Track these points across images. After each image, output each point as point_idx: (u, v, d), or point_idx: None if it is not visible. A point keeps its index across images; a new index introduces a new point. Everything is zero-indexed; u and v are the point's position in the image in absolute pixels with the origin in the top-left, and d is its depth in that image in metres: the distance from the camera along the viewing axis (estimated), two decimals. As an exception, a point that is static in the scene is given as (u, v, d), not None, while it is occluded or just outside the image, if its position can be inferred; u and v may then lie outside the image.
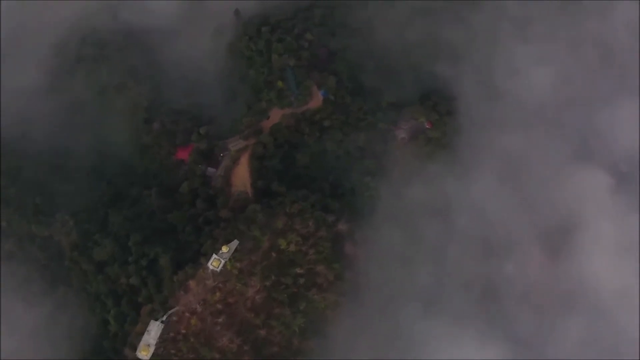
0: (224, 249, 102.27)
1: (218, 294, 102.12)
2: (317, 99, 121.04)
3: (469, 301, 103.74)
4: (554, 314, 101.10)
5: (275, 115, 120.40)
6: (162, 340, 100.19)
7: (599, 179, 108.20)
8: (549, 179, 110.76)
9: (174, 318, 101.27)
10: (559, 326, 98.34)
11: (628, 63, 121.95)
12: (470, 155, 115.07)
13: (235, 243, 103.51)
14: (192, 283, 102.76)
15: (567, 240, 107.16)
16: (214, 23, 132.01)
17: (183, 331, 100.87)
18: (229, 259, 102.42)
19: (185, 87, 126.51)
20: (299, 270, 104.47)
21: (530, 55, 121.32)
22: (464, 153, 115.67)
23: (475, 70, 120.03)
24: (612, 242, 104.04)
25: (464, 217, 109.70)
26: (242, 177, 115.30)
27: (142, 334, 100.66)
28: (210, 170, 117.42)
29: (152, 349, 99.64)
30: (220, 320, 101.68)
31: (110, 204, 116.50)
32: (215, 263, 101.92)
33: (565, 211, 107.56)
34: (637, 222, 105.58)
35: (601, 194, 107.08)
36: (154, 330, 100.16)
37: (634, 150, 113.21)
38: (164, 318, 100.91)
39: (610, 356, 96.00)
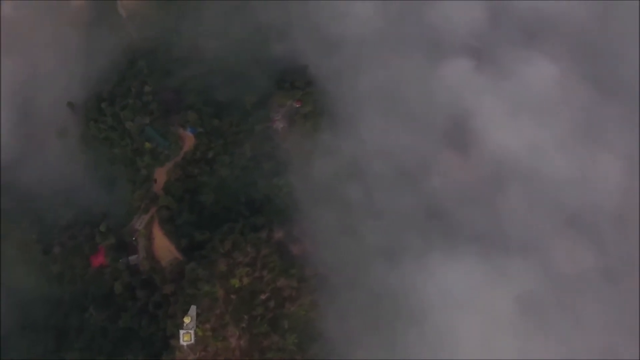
0: (187, 320, 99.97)
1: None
2: (189, 139, 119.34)
3: (423, 229, 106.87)
4: (493, 198, 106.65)
5: (161, 175, 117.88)
6: None
7: (462, 65, 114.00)
8: (424, 90, 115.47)
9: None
10: (501, 207, 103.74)
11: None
12: (348, 106, 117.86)
13: (193, 309, 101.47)
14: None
15: (467, 130, 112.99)
16: (53, 128, 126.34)
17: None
18: (197, 326, 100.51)
19: (62, 200, 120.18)
20: (263, 297, 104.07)
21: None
22: (341, 108, 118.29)
23: (307, 36, 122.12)
24: (503, 110, 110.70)
25: (374, 163, 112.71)
26: (164, 247, 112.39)
27: None
28: (132, 258, 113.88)
29: None
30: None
31: (58, 348, 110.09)
32: (186, 337, 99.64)
33: (451, 108, 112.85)
34: (516, 82, 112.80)
35: (471, 77, 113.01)
36: None
37: (476, 23, 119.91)
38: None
39: (551, 198, 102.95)
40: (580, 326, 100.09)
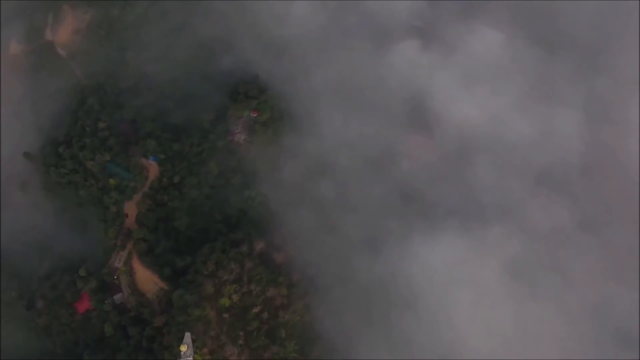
0: (183, 348, 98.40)
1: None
2: (153, 168, 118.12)
3: (400, 214, 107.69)
4: (462, 171, 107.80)
5: (131, 208, 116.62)
6: None
7: (409, 47, 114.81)
8: (377, 78, 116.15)
9: None
10: (472, 178, 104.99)
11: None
12: (305, 106, 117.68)
13: (188, 336, 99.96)
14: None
15: (426, 110, 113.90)
16: (13, 181, 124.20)
17: None
18: (195, 353, 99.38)
19: (36, 251, 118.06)
20: (256, 310, 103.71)
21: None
22: (299, 109, 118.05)
23: (252, 44, 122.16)
24: (457, 84, 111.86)
25: (341, 157, 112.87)
26: (147, 279, 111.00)
27: None
28: (117, 297, 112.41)
29: None
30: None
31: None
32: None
33: (406, 91, 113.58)
34: (464, 54, 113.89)
35: (420, 57, 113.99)
36: None
37: (414, 4, 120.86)
38: None
39: (518, 161, 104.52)
40: (569, 279, 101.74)
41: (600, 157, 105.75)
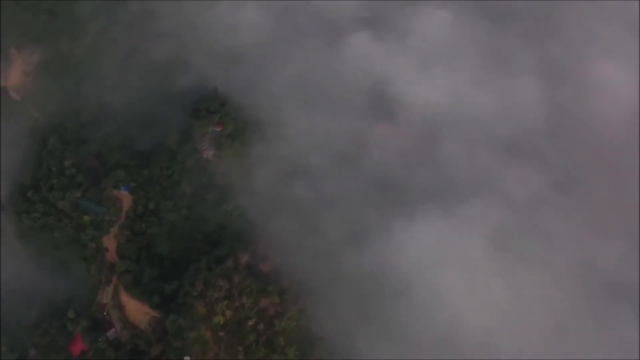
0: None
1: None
2: (126, 198, 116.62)
3: (378, 205, 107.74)
4: (433, 153, 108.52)
5: (110, 242, 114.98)
6: None
7: (360, 38, 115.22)
8: (334, 73, 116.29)
9: None
10: (443, 159, 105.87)
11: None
12: (269, 112, 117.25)
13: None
14: None
15: (388, 98, 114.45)
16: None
17: None
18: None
19: (21, 300, 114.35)
20: (251, 323, 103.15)
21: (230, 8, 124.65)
22: (263, 115, 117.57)
23: (206, 58, 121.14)
24: (414, 68, 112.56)
25: (312, 157, 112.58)
26: (138, 310, 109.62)
27: None
28: (110, 333, 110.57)
29: None
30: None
31: None
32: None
33: (366, 82, 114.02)
34: (416, 37, 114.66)
35: (373, 46, 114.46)
36: None
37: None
38: None
39: (485, 135, 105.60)
40: (553, 241, 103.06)
41: (563, 119, 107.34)
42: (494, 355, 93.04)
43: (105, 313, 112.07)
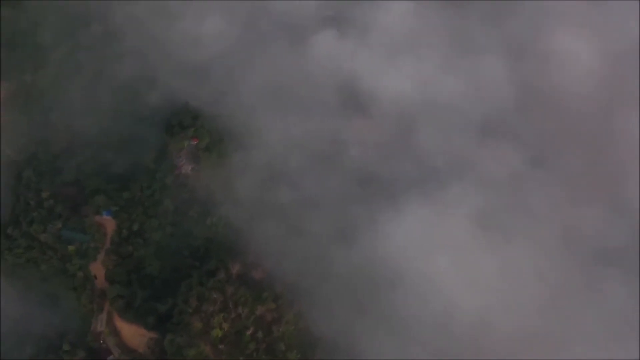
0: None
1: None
2: (108, 222, 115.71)
3: (361, 199, 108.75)
4: (409, 142, 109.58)
5: (98, 268, 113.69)
6: None
7: (326, 37, 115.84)
8: (304, 75, 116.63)
9: None
10: (419, 146, 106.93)
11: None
12: (242, 120, 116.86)
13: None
14: None
15: (360, 93, 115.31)
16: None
17: None
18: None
19: (14, 339, 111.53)
20: (249, 332, 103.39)
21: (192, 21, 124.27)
22: (237, 124, 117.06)
23: (173, 73, 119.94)
24: (381, 61, 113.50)
25: (291, 159, 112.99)
26: (134, 334, 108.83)
27: None
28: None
29: None
30: None
31: None
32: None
33: (336, 80, 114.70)
34: (379, 30, 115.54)
35: (339, 43, 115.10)
36: None
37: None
38: None
39: (458, 119, 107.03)
40: (535, 215, 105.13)
41: (531, 94, 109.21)
42: (491, 334, 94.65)
43: (101, 341, 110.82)
